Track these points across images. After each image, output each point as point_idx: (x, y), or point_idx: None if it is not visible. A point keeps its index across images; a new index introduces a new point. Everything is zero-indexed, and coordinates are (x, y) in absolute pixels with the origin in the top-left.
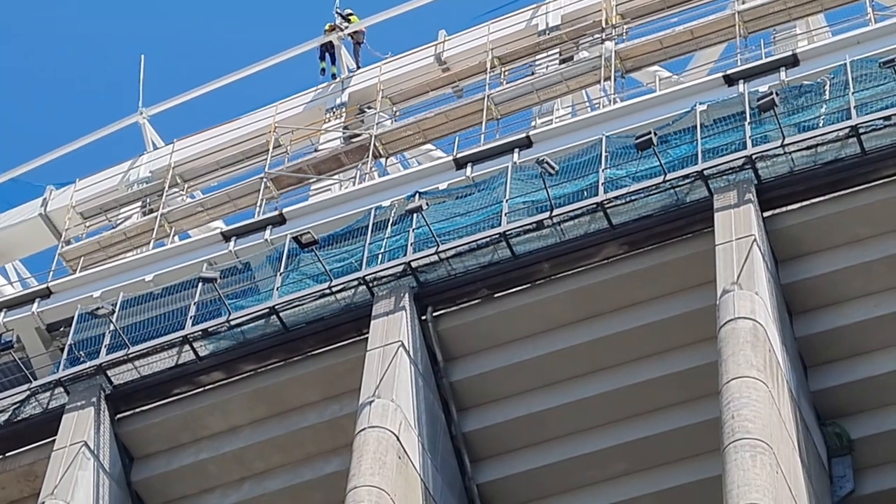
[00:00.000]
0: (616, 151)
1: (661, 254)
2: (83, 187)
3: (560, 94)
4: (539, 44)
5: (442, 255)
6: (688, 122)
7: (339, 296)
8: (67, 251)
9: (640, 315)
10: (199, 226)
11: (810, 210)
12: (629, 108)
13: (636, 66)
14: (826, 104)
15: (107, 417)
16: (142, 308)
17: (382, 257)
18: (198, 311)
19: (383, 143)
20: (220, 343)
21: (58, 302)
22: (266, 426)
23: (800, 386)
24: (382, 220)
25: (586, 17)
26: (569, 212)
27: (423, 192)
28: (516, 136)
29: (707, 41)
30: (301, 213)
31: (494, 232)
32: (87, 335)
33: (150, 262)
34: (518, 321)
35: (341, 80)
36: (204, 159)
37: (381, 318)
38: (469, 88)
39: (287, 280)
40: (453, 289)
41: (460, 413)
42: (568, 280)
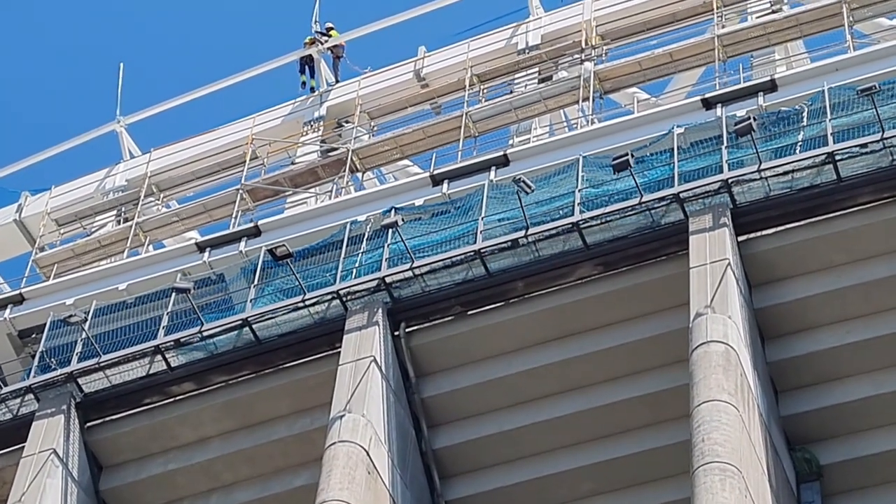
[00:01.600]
0: (593, 172)
1: (635, 275)
2: (59, 194)
3: (538, 113)
4: (518, 62)
5: (416, 272)
6: (665, 144)
7: (313, 309)
8: (41, 258)
9: (612, 336)
10: (173, 236)
11: (785, 235)
12: (607, 129)
13: (615, 88)
14: (803, 130)
15: (76, 425)
16: (114, 317)
17: (357, 272)
18: (170, 321)
19: (360, 158)
20: (192, 354)
21: (30, 308)
22: (236, 438)
23: (770, 410)
24: (358, 234)
25: (566, 37)
26: (544, 231)
27: (398, 208)
28: (493, 154)
29: (686, 64)
30: (276, 226)
31: (469, 249)
32: (58, 342)
33: (124, 270)
34: (491, 339)
35: (320, 94)
36: (180, 169)
37: (353, 332)
38: (447, 105)
39: (261, 292)
40: (427, 305)
41: (431, 429)
42: (542, 299)
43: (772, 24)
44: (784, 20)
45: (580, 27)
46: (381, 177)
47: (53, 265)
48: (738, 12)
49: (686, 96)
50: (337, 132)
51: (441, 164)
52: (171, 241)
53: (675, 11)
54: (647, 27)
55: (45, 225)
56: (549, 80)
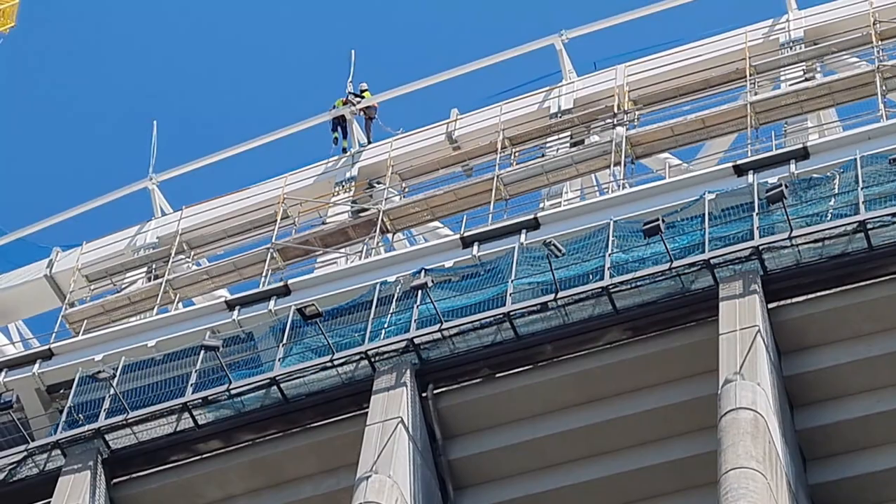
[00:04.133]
0: (623, 236)
1: (664, 340)
2: (89, 250)
3: (569, 176)
4: (550, 126)
5: (445, 333)
6: (696, 210)
7: (341, 369)
8: (71, 313)
9: (641, 401)
10: (203, 293)
11: (815, 303)
12: (638, 194)
13: (646, 153)
14: (835, 198)
15: (103, 482)
16: (143, 373)
17: (386, 332)
18: (198, 378)
19: (391, 219)
20: (220, 412)
21: (59, 364)
22: (262, 497)
23: (798, 479)
24: (387, 295)
25: (599, 101)
26: (573, 295)
27: (428, 270)
28: (524, 217)
29: (718, 130)
30: (306, 285)
31: (498, 312)
32: (86, 398)
33: (153, 327)
34: (519, 402)
35: (352, 154)
36: (211, 227)
37: (381, 393)
38: (479, 167)
39: (289, 351)
40: (455, 367)
41: (457, 492)
42: (570, 363)
43: (804, 91)
44: (817, 88)
45: (613, 92)
46: (412, 238)
47: (83, 321)
48: (770, 80)
49: (718, 162)
50: (368, 193)
51: (471, 227)
52: (200, 298)
53: (707, 78)
54: (680, 93)
55: (76, 281)
56: (581, 144)
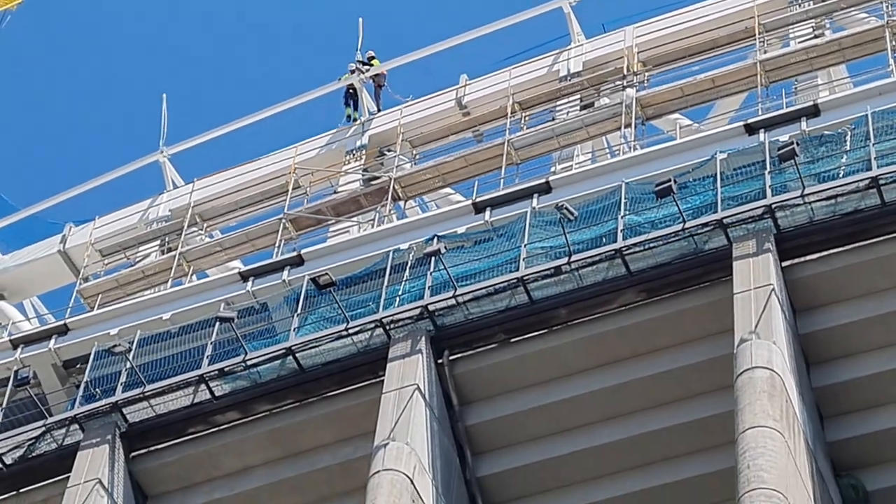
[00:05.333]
0: (635, 198)
1: (678, 301)
2: (102, 225)
3: (580, 140)
4: (560, 89)
5: (459, 299)
6: (708, 170)
7: (356, 338)
8: (85, 288)
9: (656, 363)
10: (217, 265)
11: (829, 260)
12: (649, 156)
13: (657, 114)
14: (847, 155)
15: (121, 455)
16: (158, 346)
17: (400, 300)
18: (214, 350)
19: (402, 186)
20: (236, 383)
21: (75, 339)
22: (280, 467)
23: (816, 437)
24: (400, 262)
25: (608, 63)
26: (587, 258)
27: (441, 236)
28: (536, 182)
29: (728, 90)
30: (319, 255)
31: (512, 277)
32: (103, 372)
33: (167, 300)
34: (534, 366)
35: (362, 123)
36: (223, 199)
37: (397, 360)
38: (489, 133)
39: (304, 321)
40: (470, 333)
41: (475, 457)
42: (585, 326)
43: (814, 48)
44: (826, 45)
45: (622, 54)
46: (424, 205)
47: (97, 295)
48: (780, 37)
49: (728, 122)
50: (379, 161)
51: (483, 192)
52: (214, 270)
53: (716, 37)
54: (689, 53)
55: (89, 256)
56: (590, 106)
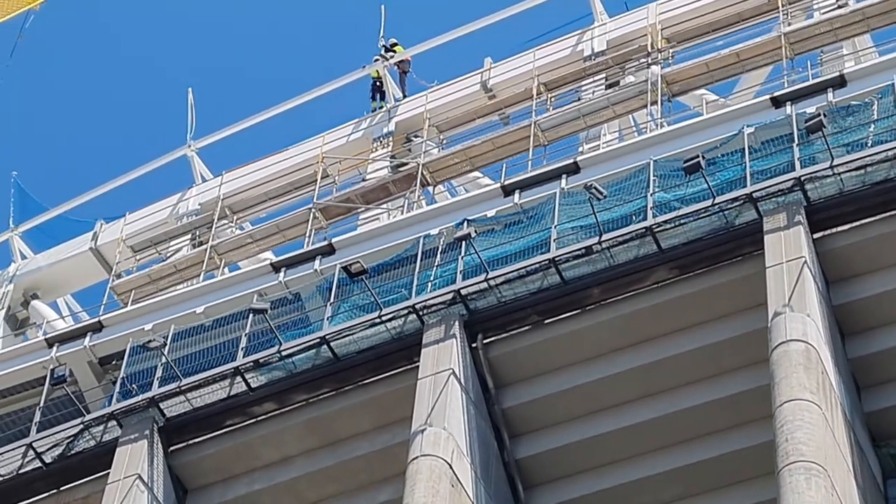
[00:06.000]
0: (664, 175)
1: (711, 277)
2: (133, 221)
3: (607, 119)
4: (585, 69)
5: (491, 283)
6: (735, 144)
7: (390, 325)
8: (118, 285)
9: (691, 339)
10: (248, 257)
11: (861, 231)
12: (676, 132)
13: (683, 90)
14: (874, 124)
15: (160, 450)
16: (193, 340)
17: (432, 285)
18: (249, 342)
19: (431, 172)
20: (272, 374)
21: (109, 335)
22: (318, 456)
23: (854, 408)
24: (431, 248)
25: (632, 41)
26: (618, 237)
27: (471, 220)
28: (564, 162)
29: (753, 63)
30: (350, 243)
31: (543, 258)
32: (139, 368)
33: (200, 294)
34: (568, 347)
35: (388, 109)
36: (252, 191)
37: (431, 346)
38: (515, 115)
39: (337, 310)
40: (503, 315)
41: (512, 440)
42: (618, 305)
43: (838, 19)
44: (850, 15)
45: (645, 31)
46: (452, 189)
47: (130, 291)
48: (803, 9)
49: (755, 95)
50: (406, 147)
51: (511, 175)
52: (246, 262)
53: (740, 11)
54: (713, 28)
55: (121, 252)
56: (616, 85)
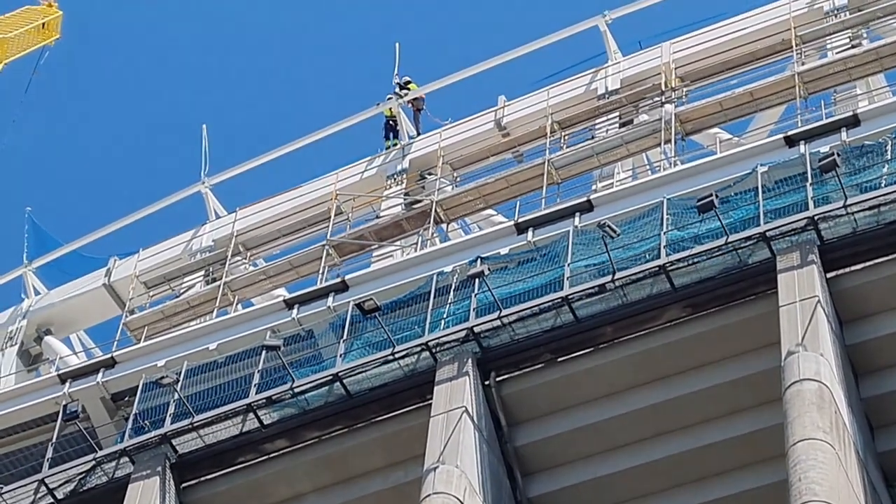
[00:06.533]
0: (677, 214)
1: (724, 316)
2: (146, 257)
3: (620, 157)
4: (599, 108)
5: (504, 320)
6: (749, 183)
7: (402, 362)
8: (131, 321)
9: (704, 378)
10: (261, 294)
11: (874, 270)
12: (690, 171)
13: (696, 129)
14: (888, 164)
15: (172, 486)
16: (206, 377)
17: (445, 323)
18: (261, 379)
19: (444, 209)
20: (284, 411)
21: (122, 371)
22: (331, 493)
23: (867, 447)
24: (444, 285)
25: (646, 80)
26: (631, 275)
27: (484, 258)
28: (577, 200)
29: (767, 102)
30: (363, 280)
31: (557, 296)
32: (151, 404)
33: (213, 330)
34: (582, 385)
35: (402, 147)
36: (266, 227)
37: (444, 383)
38: (529, 153)
39: (350, 347)
40: (516, 353)
41: (525, 478)
42: (631, 343)
43: (852, 59)
44: (864, 54)
45: (659, 70)
46: (466, 227)
47: (144, 328)
48: (817, 49)
49: (768, 134)
50: (420, 184)
51: (525, 212)
52: (259, 299)
53: (754, 50)
54: (727, 67)
55: (135, 288)
56: (630, 123)
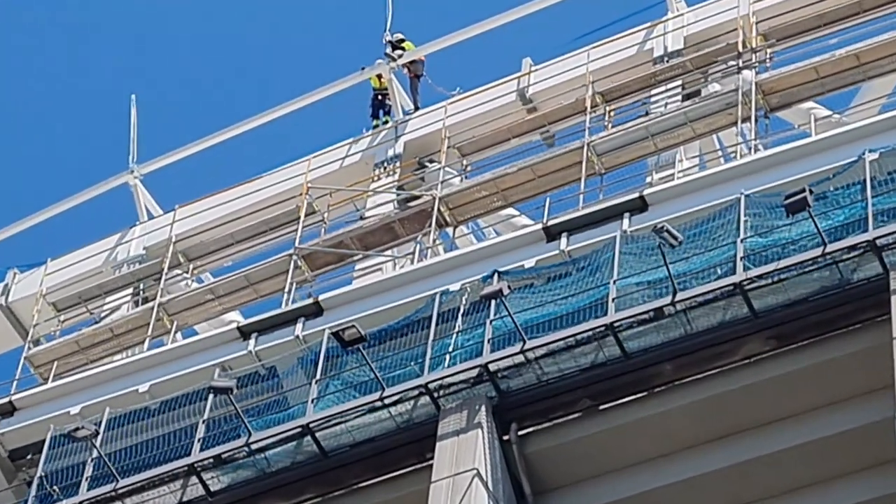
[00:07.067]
0: (759, 215)
1: (820, 351)
2: (56, 270)
3: (684, 140)
4: (655, 74)
5: (529, 355)
6: (854, 175)
7: (395, 410)
8: (36, 354)
9: (795, 432)
10: (208, 319)
11: None
12: (775, 158)
13: (784, 103)
14: None
15: None
16: (134, 428)
17: (451, 358)
18: (208, 431)
19: (450, 208)
20: (238, 473)
21: (23, 421)
22: None
23: None
24: (450, 309)
25: (717, 38)
26: (697, 296)
27: (503, 272)
28: (626, 197)
29: (877, 69)
30: (343, 301)
31: (599, 324)
32: (62, 464)
33: (144, 367)
34: (632, 441)
35: (395, 125)
36: (214, 231)
37: (449, 438)
38: (562, 134)
39: (325, 390)
40: (545, 399)
41: None
42: (698, 386)
43: None
44: None
45: (736, 24)
46: (479, 232)
47: (52, 363)
48: None
49: (879, 111)
50: (418, 175)
51: (557, 213)
52: (205, 325)
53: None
54: (825, 21)
55: (40, 311)
56: (696, 95)
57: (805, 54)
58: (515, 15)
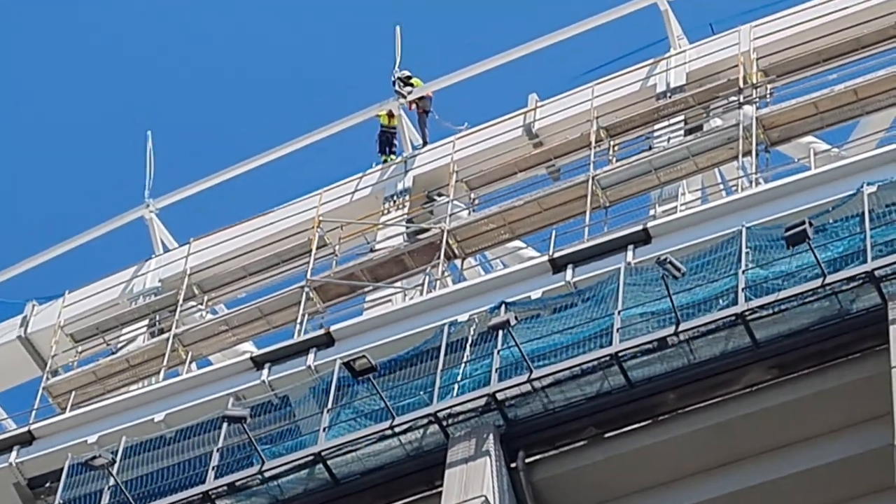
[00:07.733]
0: (760, 247)
1: (820, 379)
2: (74, 302)
3: (686, 173)
4: (658, 110)
5: (536, 385)
6: (852, 208)
7: (404, 438)
8: (55, 384)
9: (795, 460)
10: (222, 349)
11: None
12: (776, 192)
13: (784, 137)
14: None
15: None
16: (150, 456)
17: (459, 387)
18: (222, 459)
19: (458, 240)
20: (252, 501)
21: (42, 450)
22: None
23: None
24: (459, 339)
25: (719, 74)
26: (700, 326)
27: (510, 303)
28: (630, 230)
29: (875, 104)
30: (354, 332)
31: (604, 353)
32: (79, 492)
33: (160, 396)
34: (637, 468)
35: (404, 160)
36: (228, 264)
37: (458, 466)
38: (567, 168)
39: (336, 418)
40: (552, 427)
41: None
42: (701, 414)
43: None
44: None
45: (737, 61)
46: (486, 264)
47: (70, 393)
48: None
49: (877, 145)
50: (427, 208)
51: (563, 245)
52: (219, 356)
53: (859, 36)
54: (824, 58)
55: (58, 342)
56: (698, 130)
57: (804, 90)
58: (521, 52)
